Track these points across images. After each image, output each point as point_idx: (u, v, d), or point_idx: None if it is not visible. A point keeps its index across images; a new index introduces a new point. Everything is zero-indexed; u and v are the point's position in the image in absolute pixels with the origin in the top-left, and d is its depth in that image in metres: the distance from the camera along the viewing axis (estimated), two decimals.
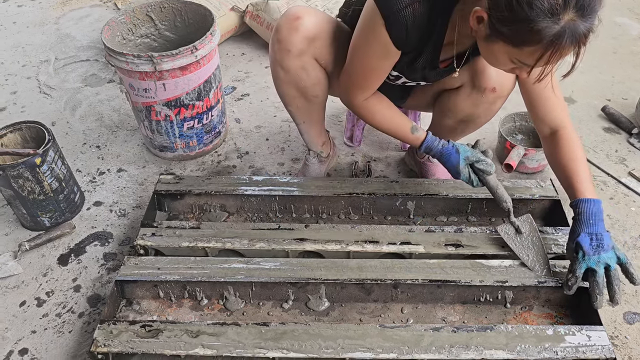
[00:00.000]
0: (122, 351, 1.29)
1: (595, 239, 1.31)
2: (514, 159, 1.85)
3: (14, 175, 1.59)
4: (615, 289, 1.30)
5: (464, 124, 1.61)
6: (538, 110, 1.46)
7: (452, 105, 1.56)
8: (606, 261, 1.30)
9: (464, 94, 1.52)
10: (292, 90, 1.56)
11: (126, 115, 2.29)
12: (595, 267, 1.31)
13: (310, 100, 1.59)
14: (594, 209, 1.34)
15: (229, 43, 2.76)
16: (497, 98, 1.49)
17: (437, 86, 1.60)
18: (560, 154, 1.43)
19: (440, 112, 1.63)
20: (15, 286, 1.59)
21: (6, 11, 3.16)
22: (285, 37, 1.45)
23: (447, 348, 1.27)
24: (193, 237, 1.56)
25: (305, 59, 1.48)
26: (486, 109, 1.53)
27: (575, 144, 1.43)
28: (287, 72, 1.51)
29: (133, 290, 1.49)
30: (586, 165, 1.42)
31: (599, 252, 1.30)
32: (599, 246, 1.31)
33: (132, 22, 1.97)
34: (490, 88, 1.46)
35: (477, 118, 1.57)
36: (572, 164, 1.41)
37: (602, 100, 2.30)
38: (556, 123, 1.45)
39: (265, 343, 1.29)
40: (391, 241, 1.53)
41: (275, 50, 1.48)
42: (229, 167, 2.02)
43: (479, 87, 1.47)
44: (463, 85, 1.51)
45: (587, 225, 1.33)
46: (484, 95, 1.48)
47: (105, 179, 1.97)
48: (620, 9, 3.05)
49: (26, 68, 2.63)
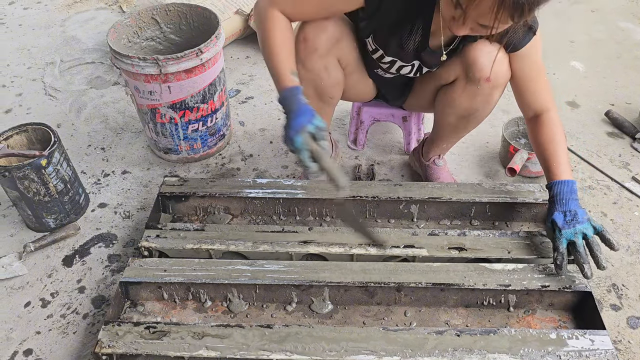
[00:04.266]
0: (126, 352, 1.29)
1: (569, 214, 1.39)
2: (518, 163, 1.86)
3: (19, 176, 1.60)
4: (598, 255, 1.36)
5: (465, 119, 1.61)
6: (523, 94, 1.50)
7: (450, 100, 1.57)
8: (583, 231, 1.38)
9: (460, 87, 1.52)
10: (309, 89, 1.56)
11: (131, 117, 2.30)
12: (573, 238, 1.37)
13: (325, 101, 1.60)
14: (567, 189, 1.42)
15: (233, 46, 2.77)
16: (492, 88, 1.49)
17: (434, 82, 1.61)
18: (541, 136, 1.49)
19: (440, 110, 1.64)
20: (20, 287, 1.60)
21: (12, 13, 3.18)
22: (312, 36, 1.45)
23: (451, 351, 1.27)
24: (197, 239, 1.57)
25: (329, 59, 1.50)
26: (484, 100, 1.52)
27: (556, 127, 1.48)
28: (309, 72, 1.51)
29: (137, 291, 1.50)
30: (565, 148, 1.47)
31: (574, 225, 1.38)
32: (573, 219, 1.38)
33: (137, 25, 1.98)
34: (485, 78, 1.46)
35: (476, 111, 1.56)
36: (551, 146, 1.47)
37: (605, 105, 2.30)
38: (540, 107, 1.49)
39: (268, 345, 1.30)
40: (395, 244, 1.54)
41: (300, 49, 1.48)
42: (233, 169, 2.03)
43: (473, 79, 1.47)
44: (458, 78, 1.52)
45: (560, 204, 1.41)
46: (479, 86, 1.48)
47: (110, 181, 1.98)
48: (623, 14, 3.05)
49: (32, 70, 2.64)
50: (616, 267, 1.61)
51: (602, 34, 2.86)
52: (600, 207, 1.82)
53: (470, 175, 1.98)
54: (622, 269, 1.61)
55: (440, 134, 1.73)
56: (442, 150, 1.80)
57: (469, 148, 2.10)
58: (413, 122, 1.97)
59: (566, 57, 2.66)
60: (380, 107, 1.94)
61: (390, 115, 1.95)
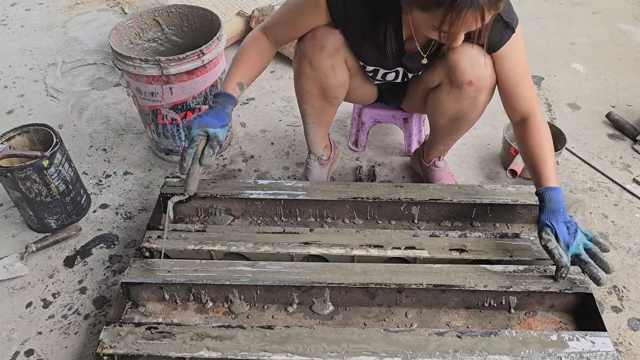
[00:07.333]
0: (127, 353, 1.30)
1: (571, 226, 1.39)
2: (519, 164, 1.86)
3: (21, 177, 1.61)
4: (604, 260, 1.37)
5: (456, 122, 1.60)
6: (508, 97, 1.49)
7: (438, 104, 1.57)
8: (582, 241, 1.39)
9: (444, 91, 1.52)
10: (314, 88, 1.57)
11: (132, 118, 2.30)
12: (578, 251, 1.38)
13: (329, 101, 1.61)
14: (559, 197, 1.41)
15: (235, 48, 2.78)
16: (477, 91, 1.47)
17: (422, 85, 1.61)
18: (529, 141, 1.47)
19: (431, 113, 1.64)
20: (22, 287, 1.61)
21: (14, 15, 3.19)
22: (320, 35, 1.47)
23: (452, 353, 1.27)
24: (198, 240, 1.57)
25: (337, 58, 1.51)
26: (470, 104, 1.51)
27: (543, 132, 1.47)
28: (315, 70, 1.52)
29: (139, 292, 1.50)
30: (552, 153, 1.47)
31: (574, 237, 1.38)
32: (575, 231, 1.38)
33: (139, 26, 1.98)
34: (467, 81, 1.45)
35: (465, 114, 1.56)
36: (540, 152, 1.46)
37: (606, 107, 2.30)
38: (526, 111, 1.48)
39: (269, 346, 1.30)
40: (396, 246, 1.54)
41: (307, 45, 1.49)
42: (234, 170, 2.03)
43: (456, 83, 1.47)
44: (442, 82, 1.52)
45: (558, 214, 1.39)
46: (463, 90, 1.47)
47: (112, 182, 1.98)
48: (624, 16, 3.06)
49: (34, 71, 2.65)
50: (617, 269, 1.61)
51: (603, 36, 2.86)
52: (601, 209, 1.82)
53: (471, 176, 1.98)
54: (623, 271, 1.61)
55: (436, 136, 1.73)
56: (440, 152, 1.81)
57: (470, 150, 2.10)
58: (414, 123, 1.97)
59: (567, 59, 2.66)
60: (381, 109, 1.94)
61: (391, 116, 1.95)
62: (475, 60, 1.42)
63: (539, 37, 2.86)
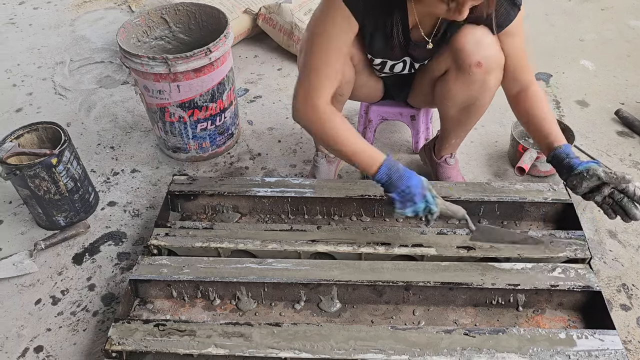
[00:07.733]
0: (136, 349, 1.30)
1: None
2: (527, 162, 1.85)
3: (30, 175, 1.62)
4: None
5: (466, 111, 1.59)
6: (512, 71, 1.48)
7: (446, 92, 1.56)
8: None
9: (452, 77, 1.51)
10: None
11: (140, 116, 2.31)
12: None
13: (335, 98, 1.60)
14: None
15: (241, 45, 2.78)
16: (486, 74, 1.46)
17: (429, 75, 1.61)
18: (535, 108, 1.46)
19: (440, 103, 1.63)
20: (31, 284, 1.62)
21: (22, 13, 3.21)
22: None
23: (460, 350, 1.27)
24: (206, 237, 1.57)
25: None
26: (479, 88, 1.50)
27: (544, 99, 1.48)
28: None
29: (147, 289, 1.51)
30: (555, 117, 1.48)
31: None
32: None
33: (146, 24, 1.99)
34: (475, 63, 1.43)
35: (476, 100, 1.54)
36: (549, 115, 1.45)
37: (615, 104, 2.29)
38: (527, 81, 1.49)
39: (277, 343, 1.30)
40: (403, 243, 1.54)
41: None
42: (241, 168, 2.03)
43: (463, 66, 1.45)
44: (449, 68, 1.51)
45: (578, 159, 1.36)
46: (471, 73, 1.45)
47: (120, 180, 1.99)
48: (633, 12, 3.03)
49: (42, 69, 2.66)
50: (626, 267, 1.60)
51: (612, 32, 2.84)
52: None
53: (479, 174, 1.97)
54: (632, 269, 1.60)
55: (447, 129, 1.72)
56: (452, 146, 1.79)
57: (478, 147, 2.09)
58: (421, 120, 1.96)
59: (576, 56, 2.64)
60: (388, 106, 1.94)
61: (399, 114, 1.95)
62: (481, 40, 1.41)
63: (547, 34, 2.85)
